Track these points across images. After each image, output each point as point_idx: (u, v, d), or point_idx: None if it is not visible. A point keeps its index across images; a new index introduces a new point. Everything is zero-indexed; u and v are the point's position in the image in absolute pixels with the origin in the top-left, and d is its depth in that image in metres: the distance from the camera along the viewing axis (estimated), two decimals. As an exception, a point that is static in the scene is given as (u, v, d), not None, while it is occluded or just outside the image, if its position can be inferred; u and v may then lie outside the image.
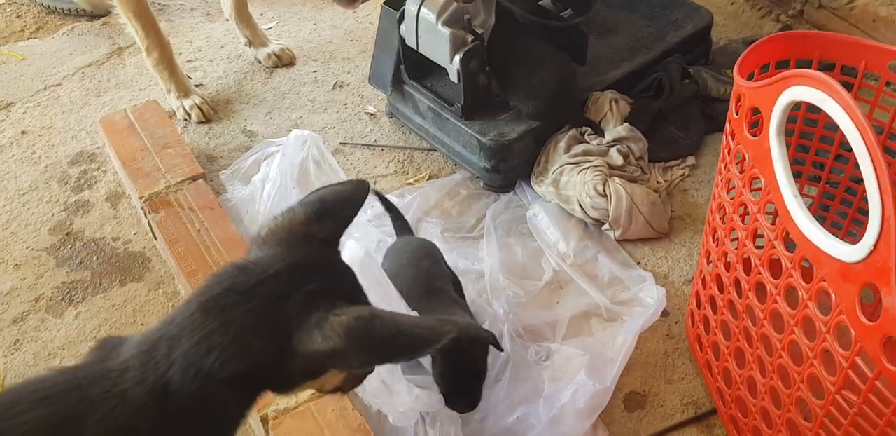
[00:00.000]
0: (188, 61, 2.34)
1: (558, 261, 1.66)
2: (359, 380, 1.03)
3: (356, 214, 1.00)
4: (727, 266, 1.31)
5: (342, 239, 0.99)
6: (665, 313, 1.57)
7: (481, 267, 1.67)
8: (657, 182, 1.80)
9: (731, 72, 1.97)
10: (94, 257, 1.84)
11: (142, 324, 1.70)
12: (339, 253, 0.99)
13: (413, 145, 2.02)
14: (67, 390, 0.82)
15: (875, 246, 0.90)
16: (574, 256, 1.67)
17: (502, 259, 1.66)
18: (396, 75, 1.92)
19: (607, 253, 1.68)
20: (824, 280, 1.01)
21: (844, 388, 1.03)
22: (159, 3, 2.58)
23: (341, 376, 0.96)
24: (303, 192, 1.73)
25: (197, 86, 2.22)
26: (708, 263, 1.38)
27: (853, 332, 0.97)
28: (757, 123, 1.14)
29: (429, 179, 1.92)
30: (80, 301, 1.76)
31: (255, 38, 2.26)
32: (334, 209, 0.98)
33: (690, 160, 1.86)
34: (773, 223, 1.14)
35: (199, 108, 2.11)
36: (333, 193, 0.99)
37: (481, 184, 1.87)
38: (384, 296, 1.31)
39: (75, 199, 1.96)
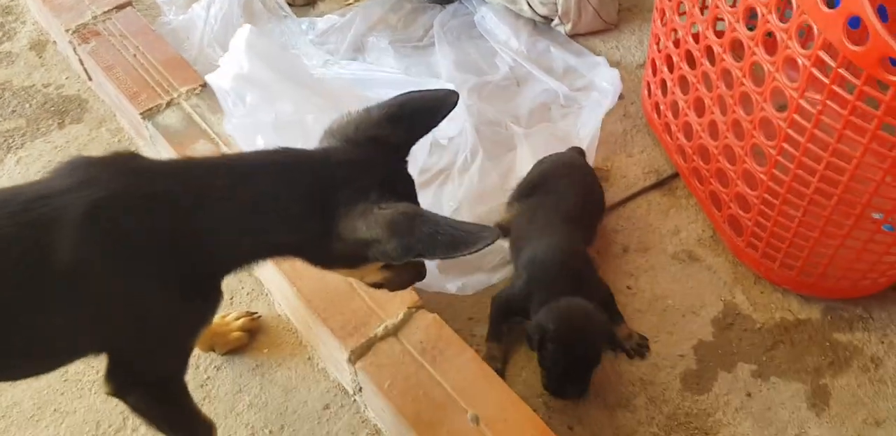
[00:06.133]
0: None
1: (513, 56, 1.63)
2: (404, 283, 1.06)
3: (437, 124, 0.99)
4: (685, 15, 1.30)
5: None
6: (620, 96, 1.57)
7: (437, 70, 1.63)
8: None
9: None
10: (27, 105, 1.75)
11: (89, 160, 1.64)
12: (405, 162, 0.99)
13: (348, -33, 1.94)
14: None
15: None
16: (527, 50, 1.65)
17: (456, 59, 1.62)
18: None
19: (559, 45, 1.66)
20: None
21: (808, 90, 1.04)
22: None
23: (382, 275, 1.00)
24: (248, 23, 1.65)
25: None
26: (662, 23, 1.37)
27: (815, 26, 0.97)
28: None
29: (369, -2, 1.85)
30: (20, 147, 1.68)
31: None
32: (413, 116, 0.97)
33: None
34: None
35: None
36: (418, 101, 0.98)
37: (424, -3, 1.81)
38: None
39: (-4, 51, 1.86)
